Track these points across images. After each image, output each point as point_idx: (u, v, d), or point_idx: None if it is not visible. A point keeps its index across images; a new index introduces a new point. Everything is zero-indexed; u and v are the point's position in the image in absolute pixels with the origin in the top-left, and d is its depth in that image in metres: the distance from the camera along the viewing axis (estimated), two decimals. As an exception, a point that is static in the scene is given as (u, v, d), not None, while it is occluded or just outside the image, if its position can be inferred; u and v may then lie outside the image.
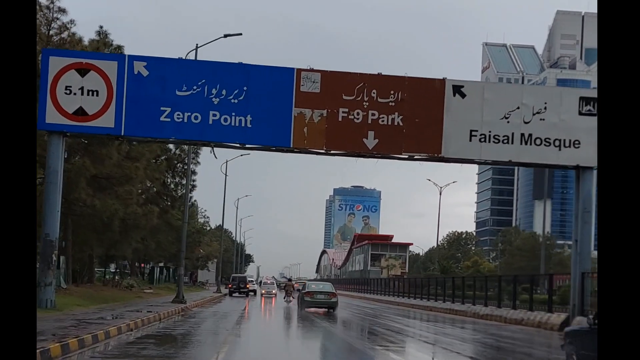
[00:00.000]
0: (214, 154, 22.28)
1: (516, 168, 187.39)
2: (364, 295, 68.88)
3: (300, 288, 40.63)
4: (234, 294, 58.19)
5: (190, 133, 21.50)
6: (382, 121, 21.82)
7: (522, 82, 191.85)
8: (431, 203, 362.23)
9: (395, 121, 21.86)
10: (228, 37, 32.32)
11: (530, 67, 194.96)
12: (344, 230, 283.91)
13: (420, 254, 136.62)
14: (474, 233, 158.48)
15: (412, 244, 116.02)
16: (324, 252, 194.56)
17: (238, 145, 21.95)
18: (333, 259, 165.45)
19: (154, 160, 39.59)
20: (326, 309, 33.25)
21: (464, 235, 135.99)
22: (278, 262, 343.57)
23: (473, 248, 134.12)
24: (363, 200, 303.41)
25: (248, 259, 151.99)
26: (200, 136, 21.59)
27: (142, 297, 36.96)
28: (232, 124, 21.35)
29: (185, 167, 45.39)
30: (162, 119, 21.23)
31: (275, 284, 67.61)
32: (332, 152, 22.23)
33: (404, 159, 22.78)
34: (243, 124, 21.39)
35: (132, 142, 27.52)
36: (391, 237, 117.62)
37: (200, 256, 74.20)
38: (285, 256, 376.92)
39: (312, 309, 33.28)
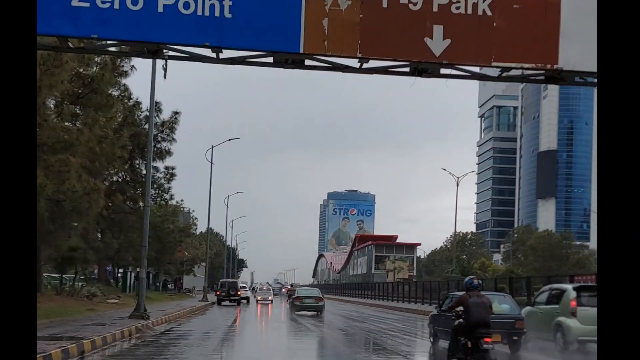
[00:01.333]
0: (165, 67, 12.79)
1: (518, 166, 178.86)
2: (373, 302, 59.26)
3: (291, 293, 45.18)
4: (223, 303, 48.99)
5: (125, 28, 11.87)
6: (457, 8, 12.42)
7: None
8: (423, 208, 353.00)
9: (478, 9, 12.45)
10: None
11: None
12: (338, 235, 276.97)
13: (422, 257, 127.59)
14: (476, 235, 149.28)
15: (419, 244, 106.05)
16: (321, 256, 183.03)
17: (209, 50, 12.39)
18: (331, 263, 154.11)
19: (115, 134, 30.22)
20: (314, 312, 35.64)
21: (468, 237, 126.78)
22: (272, 268, 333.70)
23: (474, 249, 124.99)
24: (357, 204, 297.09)
25: (241, 264, 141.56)
26: (142, 34, 11.92)
27: (97, 310, 27.41)
28: (198, 11, 11.88)
29: (159, 148, 35.95)
30: (75, 3, 11.76)
31: (271, 290, 62.69)
32: (370, 62, 12.73)
33: (493, 78, 13.48)
34: (217, 12, 11.89)
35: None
36: (395, 237, 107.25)
37: (185, 259, 64.38)
38: (279, 262, 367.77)
39: (307, 313, 35.30)
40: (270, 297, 55.03)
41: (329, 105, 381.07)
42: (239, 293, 49.04)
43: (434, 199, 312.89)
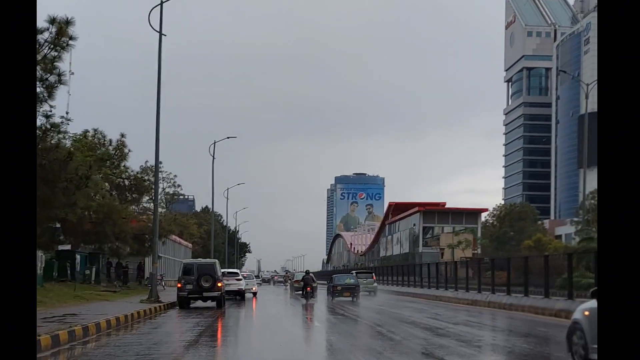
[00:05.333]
0: None
1: (553, 134, 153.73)
2: (457, 297, 34.11)
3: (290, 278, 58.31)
4: (192, 304, 24.76)
5: None
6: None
7: (555, 36, 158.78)
8: (432, 192, 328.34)
9: None
10: None
11: (562, 19, 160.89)
12: (347, 220, 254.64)
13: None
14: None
15: (486, 209, 79.49)
16: (337, 236, 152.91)
17: None
18: (352, 244, 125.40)
19: None
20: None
21: (516, 209, 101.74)
22: (280, 255, 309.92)
23: (524, 223, 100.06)
24: (366, 187, 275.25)
25: (243, 248, 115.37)
26: None
27: None
28: None
29: None
30: None
31: (254, 279, 48.56)
32: None
33: None
34: None
35: None
36: (443, 204, 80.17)
37: (144, 232, 39.48)
38: (287, 249, 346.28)
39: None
40: (254, 288, 42.32)
41: (336, 87, 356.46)
42: (219, 285, 24.29)
43: (443, 184, 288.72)
